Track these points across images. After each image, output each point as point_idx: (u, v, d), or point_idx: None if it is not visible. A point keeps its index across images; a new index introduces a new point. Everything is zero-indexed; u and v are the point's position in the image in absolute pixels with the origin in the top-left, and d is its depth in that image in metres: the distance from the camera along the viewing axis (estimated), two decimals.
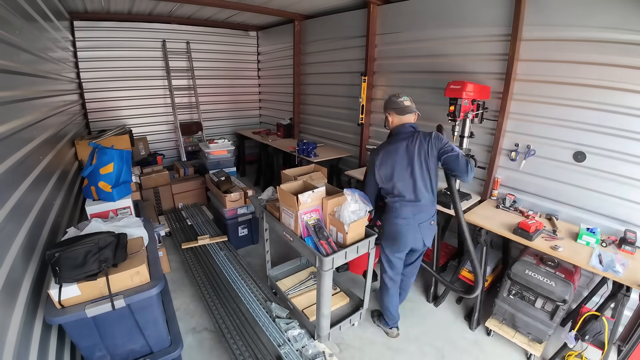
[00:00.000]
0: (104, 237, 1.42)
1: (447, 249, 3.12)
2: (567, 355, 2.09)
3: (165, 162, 4.79)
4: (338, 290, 2.58)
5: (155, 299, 1.48)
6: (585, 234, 2.08)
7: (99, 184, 2.16)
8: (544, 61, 2.40)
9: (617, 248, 2.03)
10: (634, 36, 1.99)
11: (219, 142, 4.41)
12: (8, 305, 1.16)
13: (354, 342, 2.31)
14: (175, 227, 3.66)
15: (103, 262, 1.37)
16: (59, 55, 3.26)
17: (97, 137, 3.21)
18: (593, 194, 2.32)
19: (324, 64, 4.49)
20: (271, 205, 2.39)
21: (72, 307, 1.32)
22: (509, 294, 2.22)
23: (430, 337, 2.37)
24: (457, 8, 2.85)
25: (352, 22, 3.89)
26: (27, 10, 2.10)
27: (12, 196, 1.35)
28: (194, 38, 5.23)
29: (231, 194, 3.27)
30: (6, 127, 1.40)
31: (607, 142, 2.21)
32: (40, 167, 1.81)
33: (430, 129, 3.31)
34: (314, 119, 4.89)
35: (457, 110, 2.34)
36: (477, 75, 2.76)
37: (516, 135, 2.63)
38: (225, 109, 5.98)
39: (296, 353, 1.97)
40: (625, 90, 2.08)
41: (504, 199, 2.62)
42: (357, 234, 2.03)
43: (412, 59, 3.34)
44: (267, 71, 5.93)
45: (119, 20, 4.52)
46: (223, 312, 2.33)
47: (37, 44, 2.33)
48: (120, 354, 1.53)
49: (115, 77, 4.71)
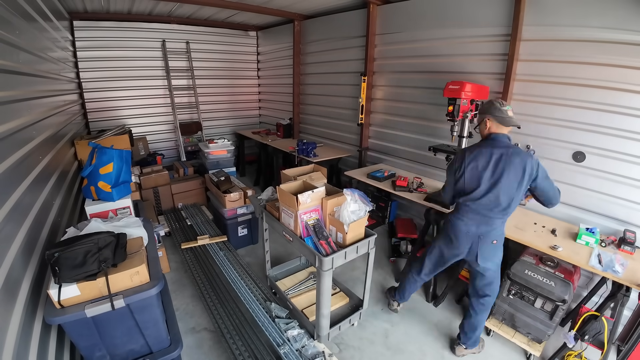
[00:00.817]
0: (104, 237, 1.41)
1: None
2: (566, 355, 2.09)
3: (164, 162, 4.79)
4: (338, 290, 2.58)
5: (155, 299, 1.48)
6: (584, 233, 2.09)
7: (99, 184, 2.15)
8: (543, 61, 2.41)
9: (617, 248, 2.03)
10: (633, 36, 1.99)
11: (218, 142, 4.41)
12: (8, 305, 1.16)
13: (353, 342, 2.31)
14: (175, 227, 3.65)
15: (102, 262, 1.36)
16: (59, 55, 3.25)
17: (97, 137, 3.21)
18: (592, 194, 2.33)
19: (323, 64, 4.49)
20: (271, 205, 2.39)
21: (72, 307, 1.32)
22: (509, 293, 2.22)
23: (430, 337, 2.38)
24: (457, 8, 2.86)
25: (351, 22, 3.89)
26: (26, 10, 2.10)
27: (12, 196, 1.35)
28: (193, 38, 5.23)
29: (231, 194, 3.27)
30: (6, 127, 1.40)
31: (607, 142, 2.21)
32: (40, 167, 1.81)
33: (432, 128, 3.33)
34: (313, 119, 4.90)
35: (455, 110, 2.35)
36: (477, 75, 2.76)
37: (516, 135, 2.63)
38: (225, 108, 5.98)
39: (296, 353, 1.97)
40: (625, 90, 2.09)
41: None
42: (356, 234, 2.03)
43: (412, 59, 3.35)
44: (267, 71, 5.93)
45: (119, 20, 4.52)
46: (223, 312, 2.33)
47: (37, 43, 2.33)
48: (120, 354, 1.53)
49: (115, 77, 4.71)
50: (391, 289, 2.63)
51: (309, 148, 4.02)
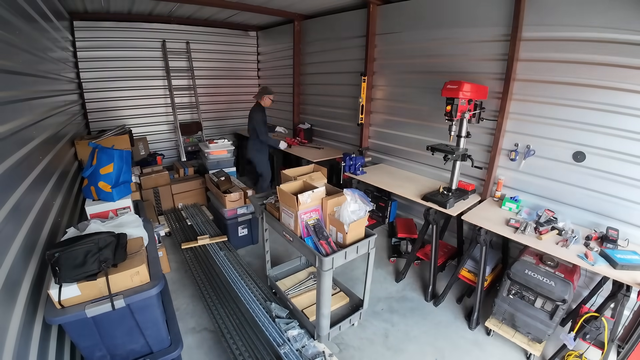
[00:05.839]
0: (104, 237, 1.42)
1: (446, 248, 3.12)
2: (566, 355, 2.09)
3: (165, 162, 4.79)
4: (338, 290, 2.58)
5: (155, 299, 1.48)
6: (508, 201, 2.55)
7: (99, 184, 2.15)
8: (543, 61, 2.40)
9: (599, 246, 2.04)
10: (634, 36, 1.99)
11: (218, 142, 4.41)
12: (8, 305, 1.16)
13: (353, 342, 2.31)
14: (175, 227, 3.66)
15: (103, 262, 1.37)
16: (59, 55, 3.26)
17: (97, 137, 3.22)
18: (593, 194, 2.33)
19: (323, 64, 4.49)
20: (271, 205, 2.39)
21: (72, 307, 1.32)
22: (509, 293, 2.22)
23: (430, 337, 2.38)
24: (457, 8, 2.86)
25: (352, 22, 3.89)
26: (27, 10, 2.10)
27: (12, 196, 1.35)
28: (193, 38, 5.23)
29: (231, 194, 3.27)
30: (6, 127, 1.40)
31: (607, 142, 2.21)
32: (40, 167, 1.81)
33: (432, 128, 3.33)
34: (313, 119, 4.89)
35: (453, 110, 2.34)
36: (477, 76, 2.76)
37: (516, 135, 2.64)
38: (225, 109, 5.98)
39: (296, 353, 1.97)
40: (625, 90, 2.09)
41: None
42: (356, 234, 2.03)
43: (412, 59, 3.35)
44: (267, 71, 5.93)
45: (119, 20, 4.52)
46: (223, 312, 2.33)
47: (37, 44, 2.33)
48: (120, 354, 1.53)
49: (115, 77, 4.71)
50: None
51: (357, 163, 3.39)
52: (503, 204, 2.57)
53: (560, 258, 1.97)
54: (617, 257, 1.83)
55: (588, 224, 2.33)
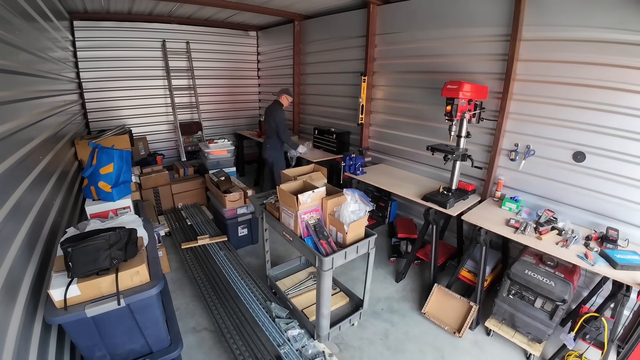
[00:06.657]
0: (116, 233, 1.43)
1: (446, 248, 3.12)
2: (566, 355, 2.09)
3: (165, 162, 4.78)
4: (338, 290, 2.58)
5: (155, 298, 1.48)
6: (508, 201, 2.54)
7: (99, 184, 2.15)
8: (543, 61, 2.40)
9: (599, 246, 2.04)
10: (634, 36, 1.99)
11: (218, 142, 4.41)
12: (8, 305, 1.16)
13: (353, 342, 2.31)
14: (175, 227, 3.65)
15: (114, 259, 1.38)
16: (59, 55, 3.26)
17: (97, 137, 3.22)
18: (593, 194, 2.33)
19: (323, 64, 4.49)
20: (271, 205, 2.39)
21: (72, 307, 1.32)
22: (509, 293, 2.22)
23: (430, 337, 2.38)
24: (457, 8, 2.86)
25: (351, 22, 3.89)
26: (27, 10, 2.10)
27: (12, 196, 1.35)
28: (193, 38, 5.23)
29: (231, 194, 3.27)
30: (6, 127, 1.40)
31: (607, 142, 2.21)
32: (40, 167, 1.81)
33: (432, 128, 3.32)
34: (313, 119, 4.89)
35: (453, 110, 2.34)
36: (477, 76, 2.76)
37: (516, 135, 2.64)
38: (225, 108, 5.99)
39: (296, 353, 1.97)
40: (625, 90, 2.09)
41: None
42: (356, 234, 2.03)
43: (412, 59, 3.35)
44: (267, 71, 5.93)
45: (119, 20, 4.53)
46: (223, 311, 2.33)
47: (37, 43, 2.33)
48: (120, 354, 1.53)
49: (115, 77, 4.71)
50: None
51: (357, 163, 3.40)
52: (503, 204, 2.56)
53: (560, 258, 1.98)
54: (617, 257, 1.84)
55: (588, 224, 2.33)
